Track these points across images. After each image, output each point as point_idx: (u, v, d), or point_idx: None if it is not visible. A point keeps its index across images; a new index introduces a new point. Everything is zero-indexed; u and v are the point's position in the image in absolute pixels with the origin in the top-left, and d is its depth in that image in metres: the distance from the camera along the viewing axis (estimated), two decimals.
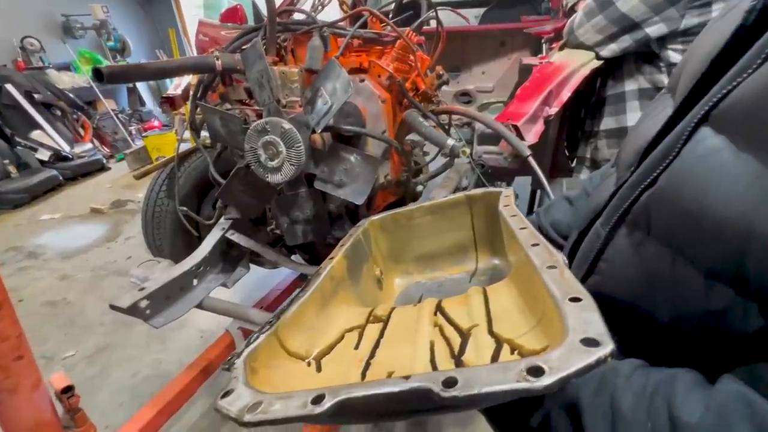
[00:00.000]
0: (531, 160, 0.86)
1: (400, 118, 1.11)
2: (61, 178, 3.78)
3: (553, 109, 1.01)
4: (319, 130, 0.89)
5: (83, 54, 4.85)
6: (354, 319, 0.56)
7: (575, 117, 1.51)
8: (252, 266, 1.46)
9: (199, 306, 1.21)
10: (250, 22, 1.80)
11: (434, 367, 0.41)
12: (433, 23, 1.28)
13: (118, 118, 4.81)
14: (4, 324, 0.69)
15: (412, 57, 1.08)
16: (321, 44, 1.01)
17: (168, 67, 1.04)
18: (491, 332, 0.43)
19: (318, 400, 0.29)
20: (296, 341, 0.49)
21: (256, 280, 2.06)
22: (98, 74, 0.95)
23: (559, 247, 0.61)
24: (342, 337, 0.53)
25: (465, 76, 1.73)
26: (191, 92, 1.17)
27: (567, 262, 0.37)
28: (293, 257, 1.57)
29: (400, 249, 0.73)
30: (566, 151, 1.64)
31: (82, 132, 4.46)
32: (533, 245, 0.44)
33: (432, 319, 0.51)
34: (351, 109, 0.98)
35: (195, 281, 1.24)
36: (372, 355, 0.48)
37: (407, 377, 0.28)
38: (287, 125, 0.88)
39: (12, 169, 3.62)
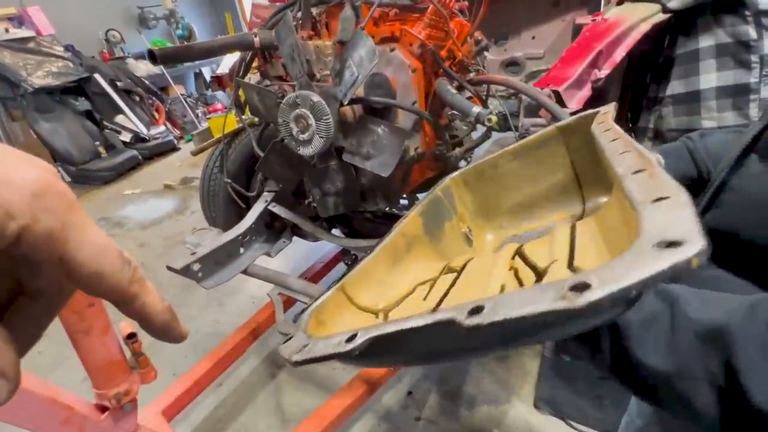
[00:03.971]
0: None
1: (437, 81, 1.07)
2: (140, 157, 4.23)
3: (603, 72, 0.90)
4: (347, 102, 0.89)
5: (156, 43, 5.27)
6: (429, 273, 0.55)
7: (641, 83, 1.34)
8: (299, 240, 1.54)
9: (245, 272, 1.32)
10: None
11: None
12: None
13: (186, 101, 5.22)
14: None
15: (447, 17, 1.03)
16: (352, 15, 1.00)
17: (212, 47, 1.10)
18: (571, 266, 0.39)
19: (352, 338, 0.29)
20: (366, 296, 0.49)
21: (304, 253, 2.18)
22: (152, 56, 1.03)
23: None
24: (413, 290, 0.53)
25: (513, 42, 1.61)
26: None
27: (662, 161, 0.31)
28: (334, 231, 1.63)
29: (489, 203, 0.66)
30: (629, 123, 1.47)
31: (156, 115, 4.90)
32: (622, 153, 0.36)
33: (508, 264, 0.47)
34: (380, 80, 0.97)
35: (241, 249, 1.35)
36: (439, 304, 0.47)
37: (435, 310, 0.26)
38: (316, 98, 0.90)
39: (102, 150, 4.11)
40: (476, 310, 0.23)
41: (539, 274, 0.40)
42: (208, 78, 5.95)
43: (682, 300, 0.30)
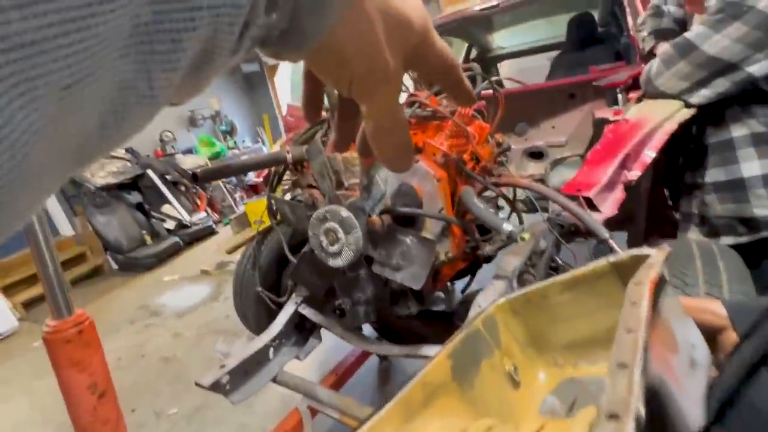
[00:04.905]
0: (612, 242, 0.75)
1: (462, 189, 1.09)
2: (181, 243, 4.47)
3: (634, 173, 0.88)
4: (375, 216, 0.91)
5: (202, 139, 5.90)
6: None
7: (673, 164, 1.31)
8: (328, 333, 1.50)
9: (274, 380, 1.26)
10: (325, 103, 2.02)
11: None
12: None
13: (225, 188, 5.63)
14: (107, 408, 0.79)
15: (467, 130, 1.07)
16: None
17: (248, 164, 1.19)
18: None
19: None
20: None
21: (335, 344, 2.11)
22: (195, 177, 1.12)
23: None
24: None
25: (533, 131, 1.65)
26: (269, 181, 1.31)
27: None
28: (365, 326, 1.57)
29: (541, 334, 0.61)
30: (670, 202, 1.41)
31: (198, 202, 5.29)
32: (627, 332, 0.34)
33: None
34: (407, 189, 1.00)
35: (271, 354, 1.31)
36: None
37: None
38: (345, 213, 0.92)
39: (148, 237, 4.40)
40: None
41: None
42: None
43: None
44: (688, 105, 1.03)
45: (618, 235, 1.55)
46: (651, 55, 1.32)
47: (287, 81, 6.35)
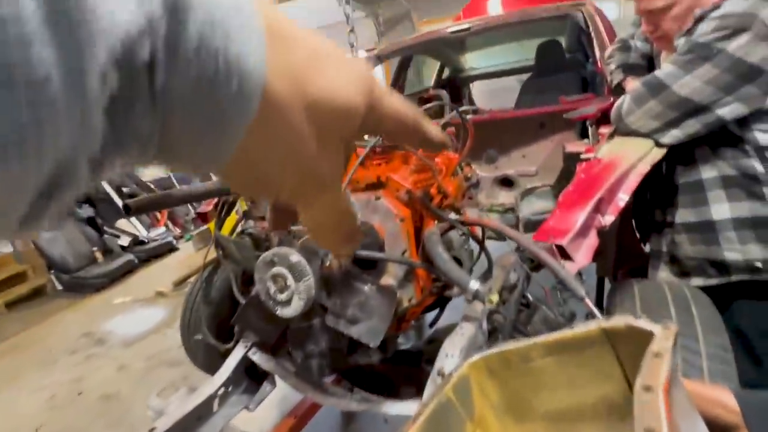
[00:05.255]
0: (588, 302, 0.68)
1: (430, 224, 1.01)
2: (136, 261, 4.16)
3: (608, 218, 0.83)
4: (329, 262, 0.81)
5: None
6: None
7: (642, 200, 1.29)
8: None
9: None
10: None
11: None
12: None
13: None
14: None
15: (435, 161, 1.00)
16: None
17: (193, 193, 1.06)
18: None
19: None
20: None
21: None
22: (126, 209, 0.98)
23: None
24: None
25: (504, 159, 1.62)
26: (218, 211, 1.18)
27: None
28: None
29: (520, 400, 0.54)
30: (637, 235, 1.38)
31: (159, 216, 4.98)
32: None
33: None
34: (367, 229, 0.90)
35: (215, 406, 1.16)
36: None
37: None
38: (295, 258, 0.81)
39: (98, 255, 4.07)
40: None
41: None
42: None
43: None
44: (658, 144, 1.00)
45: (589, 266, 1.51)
46: (619, 87, 1.31)
47: None
